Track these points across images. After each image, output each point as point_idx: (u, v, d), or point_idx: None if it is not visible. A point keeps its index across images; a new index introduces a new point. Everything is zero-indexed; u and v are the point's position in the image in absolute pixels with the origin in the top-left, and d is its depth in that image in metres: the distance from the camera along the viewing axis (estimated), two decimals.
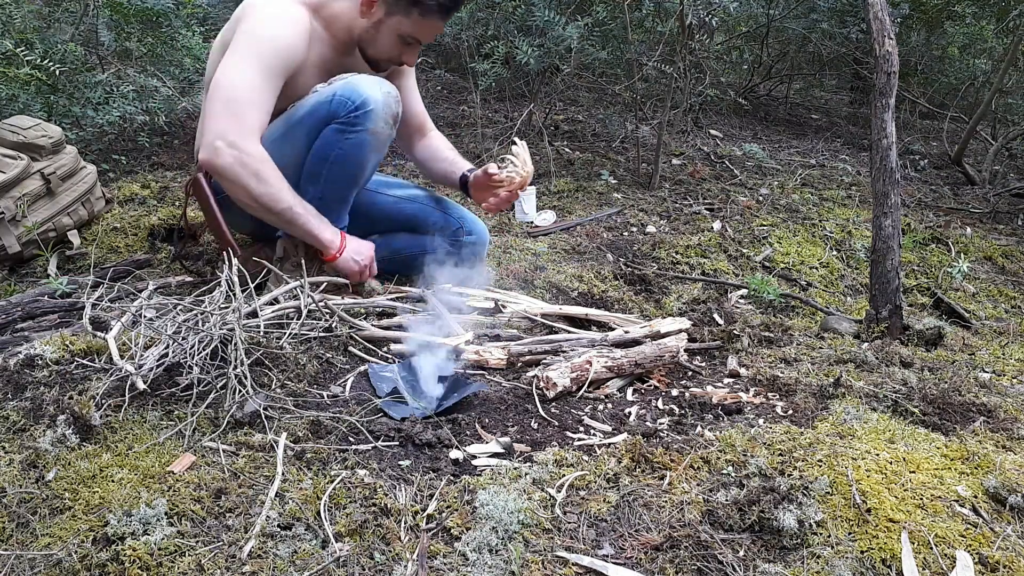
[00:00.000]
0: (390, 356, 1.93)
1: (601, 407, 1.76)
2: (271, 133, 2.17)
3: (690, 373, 2.00)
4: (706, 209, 3.69)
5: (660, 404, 1.79)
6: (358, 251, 2.22)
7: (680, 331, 2.06)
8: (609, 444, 1.56)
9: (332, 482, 1.34)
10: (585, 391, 1.81)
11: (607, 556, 1.23)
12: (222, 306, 1.69)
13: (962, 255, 3.55)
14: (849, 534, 1.26)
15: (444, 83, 5.52)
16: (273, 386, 1.65)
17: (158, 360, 1.58)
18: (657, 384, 1.91)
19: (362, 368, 1.85)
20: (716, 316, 2.47)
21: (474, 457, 1.49)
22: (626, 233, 3.32)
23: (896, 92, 2.44)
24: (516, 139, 2.35)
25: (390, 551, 1.20)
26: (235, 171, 1.99)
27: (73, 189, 2.62)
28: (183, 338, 1.62)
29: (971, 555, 1.23)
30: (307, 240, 2.16)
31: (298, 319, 1.85)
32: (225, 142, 1.98)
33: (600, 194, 3.77)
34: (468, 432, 1.59)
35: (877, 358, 2.05)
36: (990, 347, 2.49)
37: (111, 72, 3.38)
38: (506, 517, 1.26)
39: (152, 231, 2.75)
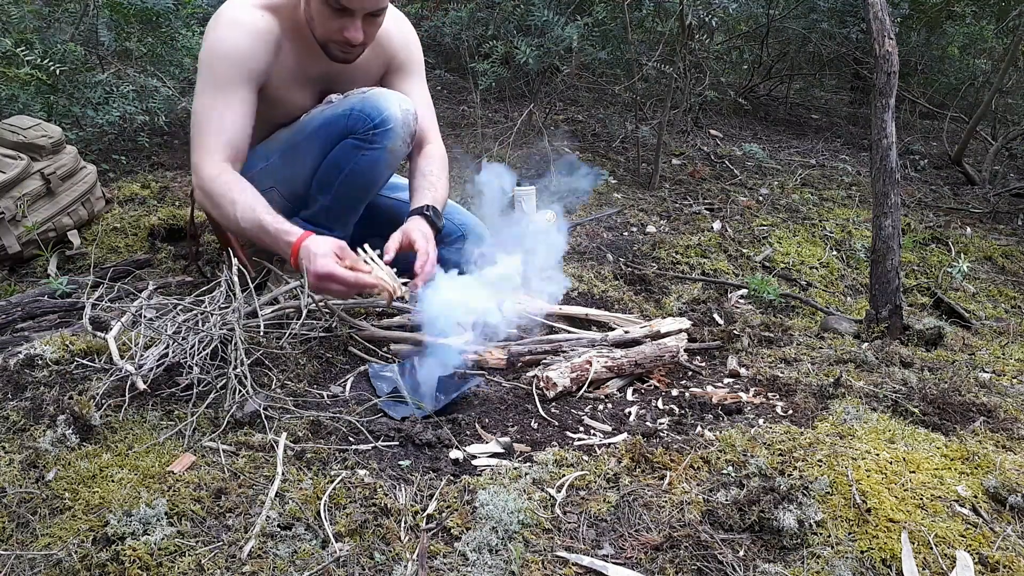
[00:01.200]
0: (390, 356, 1.92)
1: (601, 407, 1.76)
2: (282, 143, 2.16)
3: (690, 373, 2.00)
4: (706, 209, 3.69)
5: (660, 404, 1.79)
6: (308, 254, 1.80)
7: (680, 331, 2.06)
8: (609, 444, 1.56)
9: (332, 482, 1.34)
10: (585, 391, 1.81)
11: (607, 556, 1.23)
12: (222, 306, 1.69)
13: (962, 255, 3.55)
14: (849, 534, 1.26)
15: (444, 83, 5.52)
16: (273, 386, 1.65)
17: (158, 360, 1.58)
18: (657, 384, 1.91)
19: (362, 368, 1.85)
20: (716, 316, 2.47)
21: (474, 457, 1.49)
22: (626, 233, 3.32)
23: (896, 92, 2.44)
24: (362, 248, 1.95)
25: (390, 551, 1.20)
26: (200, 201, 1.99)
27: (73, 189, 2.62)
28: (183, 338, 1.62)
29: (971, 555, 1.23)
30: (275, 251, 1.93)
31: (298, 319, 1.85)
32: (194, 176, 1.98)
33: (600, 194, 3.77)
34: (468, 432, 1.59)
35: (877, 358, 2.05)
36: (990, 347, 2.49)
37: (111, 72, 3.38)
38: (506, 517, 1.26)
39: (152, 231, 2.75)
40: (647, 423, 1.68)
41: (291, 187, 2.17)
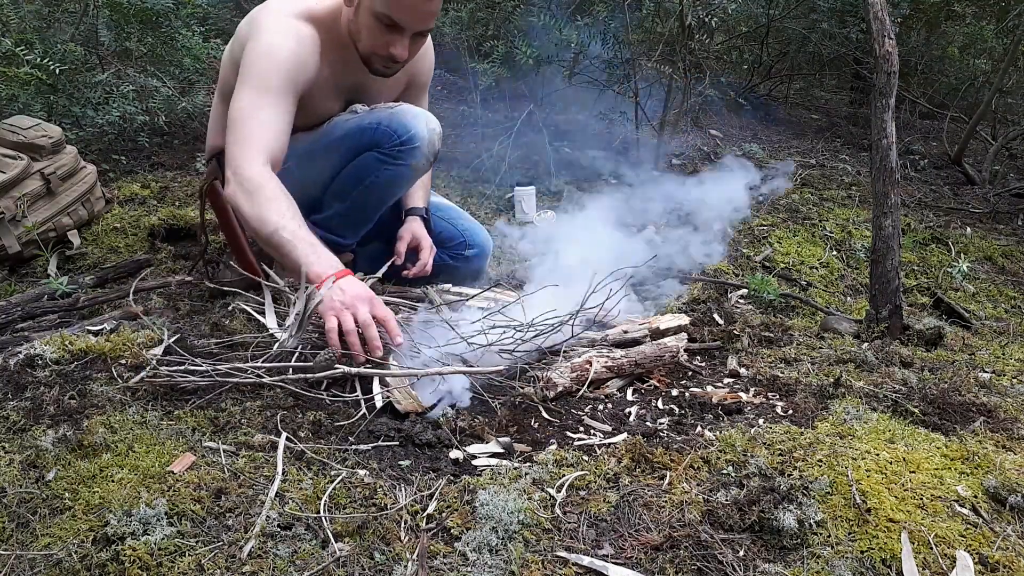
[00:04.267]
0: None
1: (601, 407, 1.76)
2: (303, 147, 2.15)
3: (690, 373, 2.00)
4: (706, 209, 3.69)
5: (660, 404, 1.79)
6: (343, 292, 1.69)
7: (679, 328, 2.06)
8: (609, 444, 1.56)
9: (332, 482, 1.34)
10: (585, 391, 1.81)
11: (607, 556, 1.23)
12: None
13: (962, 255, 3.55)
14: (849, 534, 1.26)
15: (444, 83, 5.52)
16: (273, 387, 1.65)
17: (159, 359, 1.58)
18: (657, 384, 1.91)
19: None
20: (716, 316, 2.47)
21: (474, 457, 1.49)
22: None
23: (896, 92, 2.44)
24: None
25: (390, 551, 1.20)
26: (234, 197, 1.87)
27: (73, 189, 2.62)
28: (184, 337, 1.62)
29: (971, 555, 1.23)
30: (296, 272, 1.79)
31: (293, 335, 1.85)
32: (231, 170, 1.89)
33: (600, 194, 3.77)
34: (468, 432, 1.59)
35: (877, 358, 2.05)
36: (990, 347, 2.49)
37: (111, 72, 3.38)
38: (506, 517, 1.26)
39: (152, 231, 2.75)
40: (647, 423, 1.68)
41: (306, 191, 2.18)
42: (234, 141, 1.91)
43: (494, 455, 1.50)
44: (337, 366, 1.61)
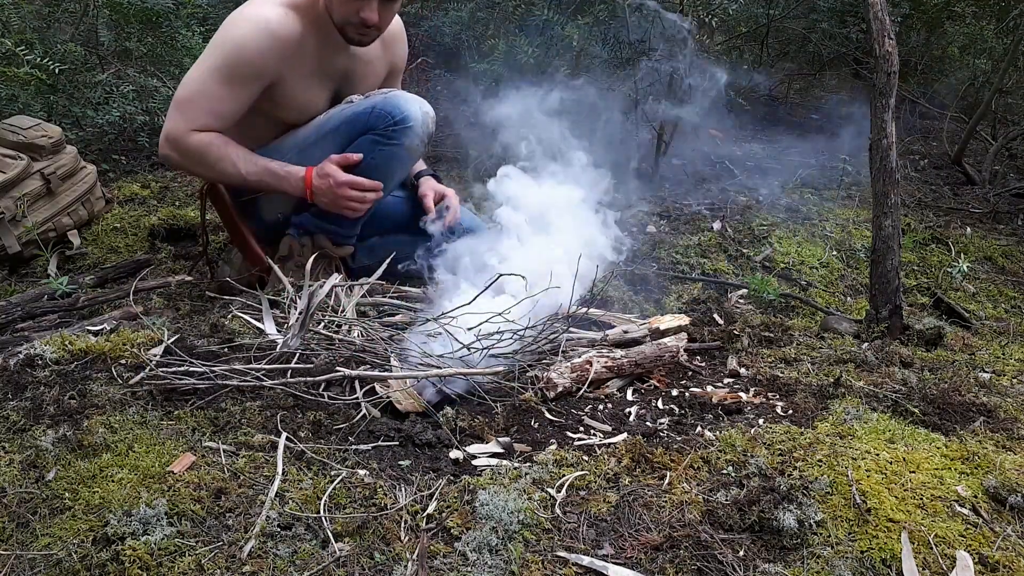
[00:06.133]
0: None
1: (601, 407, 1.76)
2: (301, 140, 2.21)
3: (690, 373, 2.00)
4: (706, 209, 3.69)
5: (660, 404, 1.79)
6: (321, 176, 2.11)
7: (679, 328, 2.06)
8: (609, 444, 1.56)
9: (332, 482, 1.34)
10: (585, 391, 1.81)
11: (607, 556, 1.23)
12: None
13: (962, 255, 3.55)
14: (849, 534, 1.26)
15: (444, 83, 5.52)
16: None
17: (159, 359, 1.58)
18: (657, 384, 1.91)
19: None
20: (716, 316, 2.47)
21: (474, 457, 1.49)
22: (626, 233, 3.32)
23: (896, 92, 2.44)
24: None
25: (390, 551, 1.20)
26: (178, 163, 2.13)
27: (73, 189, 2.62)
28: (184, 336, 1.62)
29: (971, 555, 1.23)
30: (284, 193, 2.18)
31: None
32: (165, 138, 2.09)
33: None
34: (468, 432, 1.59)
35: (877, 358, 2.05)
36: (990, 347, 2.49)
37: (111, 72, 3.38)
38: (506, 517, 1.26)
39: (152, 231, 2.75)
40: (647, 423, 1.68)
41: None
42: (175, 111, 2.08)
43: (494, 455, 1.50)
44: (338, 368, 1.62)
